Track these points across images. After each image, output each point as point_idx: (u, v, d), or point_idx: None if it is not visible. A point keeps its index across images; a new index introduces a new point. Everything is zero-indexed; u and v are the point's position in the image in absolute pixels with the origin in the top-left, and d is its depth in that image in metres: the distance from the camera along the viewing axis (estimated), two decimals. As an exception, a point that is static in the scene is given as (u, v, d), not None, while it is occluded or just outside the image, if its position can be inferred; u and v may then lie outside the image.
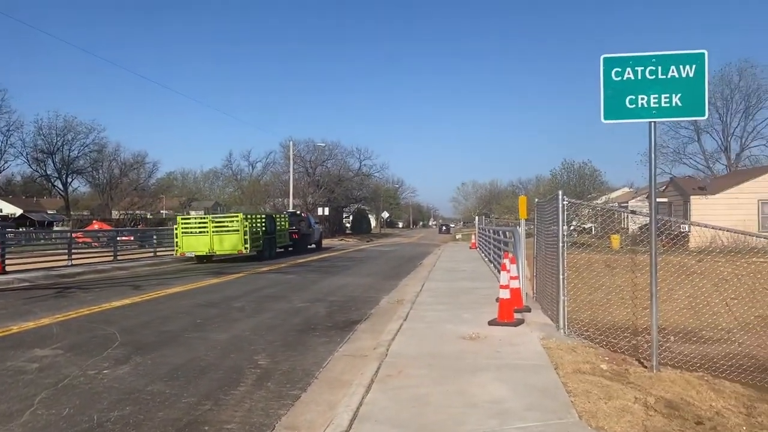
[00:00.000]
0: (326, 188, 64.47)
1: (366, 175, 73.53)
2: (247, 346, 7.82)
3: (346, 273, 19.35)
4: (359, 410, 4.79)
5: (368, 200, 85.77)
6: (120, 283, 15.81)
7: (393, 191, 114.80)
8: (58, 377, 6.21)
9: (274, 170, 70.16)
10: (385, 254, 31.78)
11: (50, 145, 67.94)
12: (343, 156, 69.69)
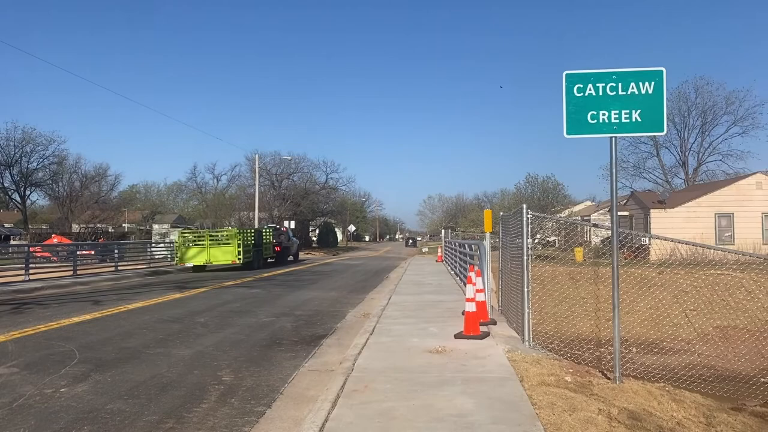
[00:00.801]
0: (292, 201, 64.12)
1: (332, 188, 73.41)
2: (210, 362, 7.68)
3: (312, 287, 19.22)
4: (325, 426, 4.74)
5: (335, 213, 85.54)
6: (80, 299, 15.41)
7: (360, 205, 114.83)
8: (13, 396, 6.00)
9: (239, 183, 69.49)
10: (352, 268, 31.69)
11: (8, 157, 66.05)
12: (310, 169, 69.54)
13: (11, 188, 69.31)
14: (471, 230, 64.44)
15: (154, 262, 30.24)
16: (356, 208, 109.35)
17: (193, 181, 76.08)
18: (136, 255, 31.55)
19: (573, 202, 61.30)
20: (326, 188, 71.94)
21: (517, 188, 56.48)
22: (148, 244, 37.62)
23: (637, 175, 49.71)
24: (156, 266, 28.78)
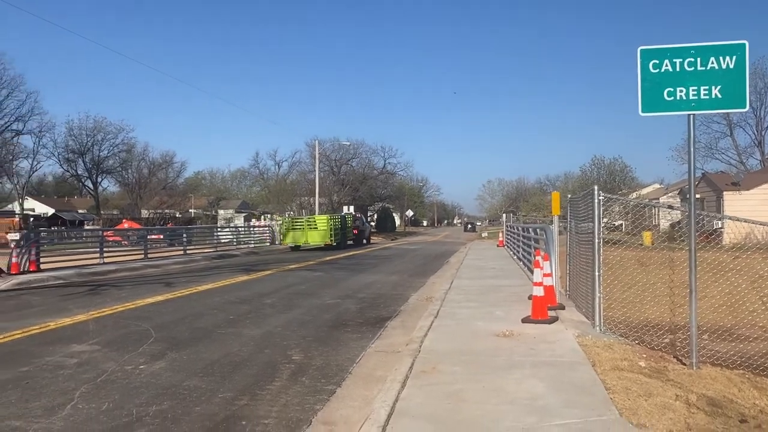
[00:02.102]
0: (351, 187, 64.65)
1: (390, 174, 73.58)
2: (280, 342, 7.87)
3: (373, 271, 19.36)
4: (395, 406, 4.78)
5: (392, 198, 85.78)
6: (152, 281, 16.04)
7: (417, 189, 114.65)
8: (97, 372, 6.31)
9: (299, 169, 70.61)
10: (411, 252, 31.73)
11: (81, 146, 69.30)
12: (368, 154, 69.86)
13: (84, 175, 72.71)
14: (533, 214, 63.43)
15: (220, 246, 31.11)
16: (414, 193, 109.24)
17: (256, 168, 77.78)
18: (202, 239, 32.55)
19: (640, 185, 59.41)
20: (384, 173, 72.17)
21: (582, 171, 55.17)
22: (214, 229, 38.77)
23: (709, 156, 47.69)
24: (222, 250, 29.62)
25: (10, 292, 13.65)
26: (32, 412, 5.02)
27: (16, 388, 5.69)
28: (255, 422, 4.81)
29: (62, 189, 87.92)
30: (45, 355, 7.05)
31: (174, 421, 4.84)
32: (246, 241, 35.46)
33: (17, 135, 62.15)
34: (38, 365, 6.57)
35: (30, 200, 73.65)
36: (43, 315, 9.97)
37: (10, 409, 5.09)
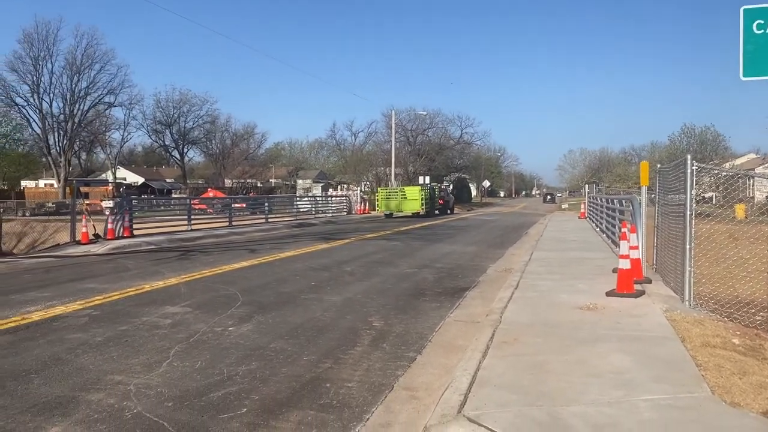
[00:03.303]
0: (427, 157, 64.31)
1: (467, 144, 72.59)
2: (360, 309, 8.01)
3: (449, 241, 19.31)
4: (477, 375, 4.79)
5: (469, 169, 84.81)
6: (236, 247, 16.66)
7: (494, 160, 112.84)
8: (189, 333, 6.65)
9: (375, 140, 70.77)
10: (488, 223, 31.39)
11: (168, 117, 72.36)
12: (444, 124, 69.11)
13: (171, 146, 75.98)
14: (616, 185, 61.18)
15: (300, 215, 31.89)
16: (491, 164, 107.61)
17: (333, 138, 78.60)
18: (282, 208, 33.44)
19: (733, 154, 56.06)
20: (461, 143, 71.28)
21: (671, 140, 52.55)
22: (294, 198, 39.74)
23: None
24: (301, 219, 30.35)
25: (107, 256, 14.53)
26: (132, 368, 5.36)
27: (117, 346, 6.09)
28: (339, 385, 4.95)
29: (151, 159, 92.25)
30: (141, 316, 7.48)
31: (262, 380, 5.04)
32: (324, 211, 36.17)
33: (109, 107, 65.67)
34: (136, 325, 6.99)
35: (121, 170, 77.76)
36: (138, 278, 10.57)
37: (112, 365, 5.45)
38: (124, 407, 4.38)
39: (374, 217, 36.26)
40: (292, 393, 4.75)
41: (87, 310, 7.80)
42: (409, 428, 4.07)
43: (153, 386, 4.85)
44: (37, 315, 7.45)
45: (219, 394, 4.70)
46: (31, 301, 8.33)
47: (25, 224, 35.39)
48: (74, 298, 8.57)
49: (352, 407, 4.44)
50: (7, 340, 6.28)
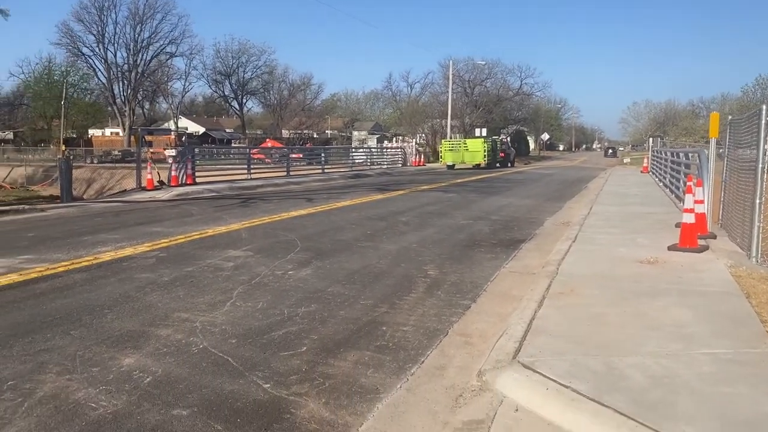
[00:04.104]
0: (484, 109, 63.11)
1: (526, 95, 70.73)
2: (415, 257, 8.09)
3: (505, 194, 19.10)
4: (532, 324, 4.80)
5: (527, 121, 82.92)
6: (294, 196, 16.95)
7: (554, 112, 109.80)
8: (251, 275, 6.88)
9: (432, 91, 69.70)
10: (546, 177, 30.81)
11: (227, 68, 73.18)
12: (503, 74, 67.37)
13: (230, 96, 77.09)
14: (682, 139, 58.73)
15: (355, 166, 32.04)
16: (550, 116, 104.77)
17: (389, 90, 77.88)
18: (338, 159, 33.69)
19: (813, 108, 52.64)
20: (520, 94, 69.50)
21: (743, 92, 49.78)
22: (349, 150, 39.93)
23: None
24: (357, 170, 30.50)
25: (171, 202, 15.05)
26: (197, 306, 5.61)
27: (183, 286, 6.36)
28: (394, 328, 5.05)
29: (211, 109, 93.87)
30: (205, 258, 7.77)
31: (321, 321, 5.20)
32: (378, 162, 36.21)
33: (171, 57, 66.91)
34: (200, 266, 7.27)
35: (183, 119, 79.46)
36: (202, 223, 10.93)
37: (179, 303, 5.71)
38: (190, 342, 4.61)
39: (429, 170, 36.13)
40: (349, 334, 4.89)
41: (154, 252, 8.16)
42: (463, 372, 4.14)
43: (217, 324, 5.08)
44: (108, 255, 7.84)
45: (280, 333, 4.88)
46: (102, 243, 8.75)
47: (93, 171, 36.94)
48: (142, 240, 8.96)
49: (408, 350, 4.55)
50: (81, 277, 6.65)
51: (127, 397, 3.62)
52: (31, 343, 4.53)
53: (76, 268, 7.07)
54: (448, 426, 3.37)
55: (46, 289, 6.10)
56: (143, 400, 3.59)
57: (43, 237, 9.37)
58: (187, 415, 3.43)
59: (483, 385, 3.84)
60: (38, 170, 42.09)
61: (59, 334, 4.75)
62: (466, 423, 3.38)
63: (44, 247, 8.45)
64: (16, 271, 6.82)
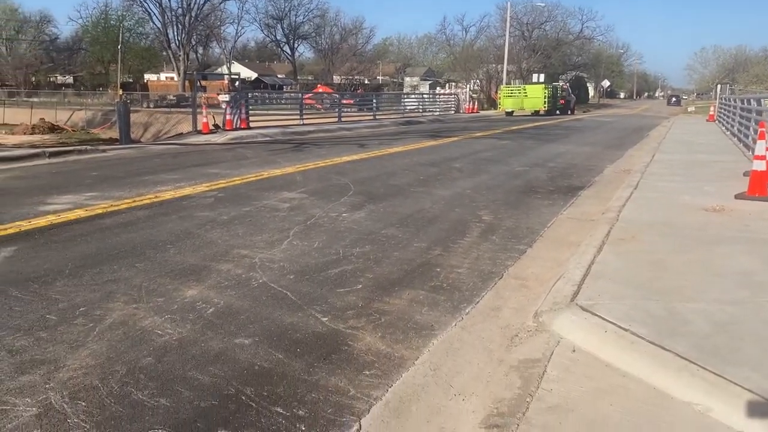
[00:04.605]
0: (542, 53, 61.15)
1: (587, 39, 68.10)
2: (469, 203, 8.01)
3: (563, 141, 18.61)
4: (590, 268, 4.71)
5: (587, 67, 79.99)
6: (346, 142, 16.95)
7: (616, 58, 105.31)
8: (306, 216, 6.96)
9: (488, 34, 67.73)
10: (605, 125, 29.83)
11: (279, 11, 72.85)
12: (563, 17, 64.96)
13: (282, 41, 76.94)
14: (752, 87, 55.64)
15: (407, 113, 31.70)
16: (612, 62, 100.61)
17: (443, 33, 76.10)
18: (389, 106, 33.35)
19: None
20: (580, 38, 66.94)
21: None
22: (401, 96, 39.46)
23: None
24: (408, 117, 30.19)
25: (226, 146, 15.28)
26: (256, 244, 5.72)
27: (241, 224, 6.49)
28: (449, 270, 5.05)
29: (263, 54, 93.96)
30: (262, 199, 7.89)
31: (375, 261, 5.24)
32: (431, 109, 35.70)
33: (223, 1, 66.78)
34: (257, 207, 7.40)
35: (236, 65, 79.88)
36: (257, 166, 11.08)
37: (238, 240, 5.84)
38: (250, 277, 4.72)
39: (483, 117, 35.48)
40: (403, 274, 4.91)
41: (212, 192, 8.33)
42: (518, 313, 4.12)
43: (275, 261, 5.18)
44: (168, 194, 8.05)
45: (336, 271, 4.94)
46: (161, 182, 8.99)
47: (150, 115, 37.72)
48: (200, 181, 9.16)
49: (462, 290, 4.55)
50: (144, 214, 6.87)
51: (191, 326, 3.76)
52: (99, 274, 4.73)
53: (139, 206, 7.29)
54: (503, 363, 3.38)
55: (111, 224, 6.33)
56: (206, 329, 3.72)
57: (106, 176, 9.69)
58: (249, 343, 3.53)
59: (539, 326, 3.82)
60: (97, 114, 43.25)
61: (125, 266, 4.94)
62: (522, 361, 3.37)
63: (107, 185, 8.74)
64: (82, 207, 7.09)
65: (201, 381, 3.09)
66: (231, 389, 3.01)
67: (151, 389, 2.99)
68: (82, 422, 2.69)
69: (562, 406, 2.83)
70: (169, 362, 3.28)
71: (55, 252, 5.30)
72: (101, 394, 2.94)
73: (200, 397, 2.93)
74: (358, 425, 2.74)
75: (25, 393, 2.93)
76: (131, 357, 3.33)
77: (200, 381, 3.08)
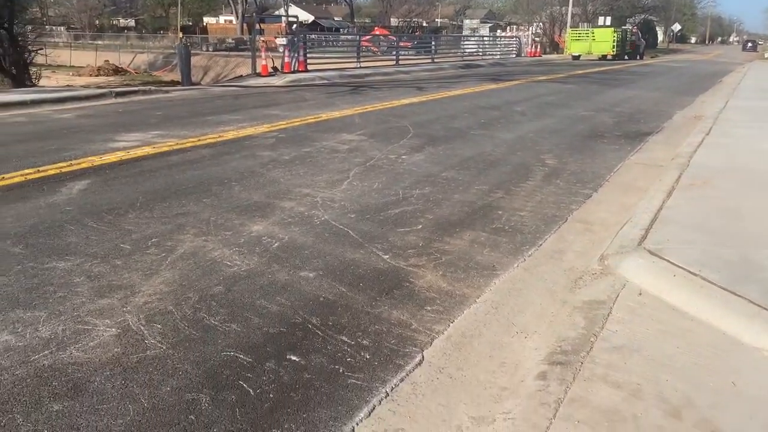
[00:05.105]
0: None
1: (659, -21, 64.10)
2: (532, 146, 7.84)
3: (630, 86, 17.85)
4: (659, 213, 4.56)
5: (657, 10, 75.65)
6: (404, 85, 16.73)
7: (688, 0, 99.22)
8: (365, 158, 6.96)
9: (553, -26, 64.61)
10: (675, 70, 28.40)
11: (338, -48, 71.17)
12: (636, -47, 61.06)
13: (339, -20, 75.33)
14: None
15: (466, 56, 30.92)
16: (683, 4, 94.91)
17: (505, -27, 73.01)
18: (448, 49, 32.56)
19: None
20: (651, -22, 63.10)
21: None
22: (460, 39, 38.47)
23: None
24: (468, 60, 29.46)
25: (285, 88, 15.31)
26: (317, 183, 5.78)
27: (302, 164, 6.55)
28: (511, 213, 4.99)
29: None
30: (321, 140, 7.93)
31: (435, 203, 5.23)
32: (491, 53, 34.67)
33: (282, -58, 65.76)
34: (317, 148, 7.44)
35: (293, 7, 78.95)
36: (315, 108, 11.09)
37: (300, 180, 5.91)
38: (312, 215, 4.79)
39: (546, 61, 34.28)
40: (464, 216, 4.89)
41: (273, 132, 8.42)
42: (583, 256, 4.06)
43: (336, 200, 5.23)
44: (230, 134, 8.18)
45: (396, 211, 4.96)
46: (224, 123, 9.13)
47: (209, 59, 38.05)
48: (261, 122, 9.26)
49: (525, 233, 4.50)
50: (208, 152, 7.01)
51: (258, 259, 3.86)
52: (169, 208, 4.89)
53: (203, 144, 7.45)
54: (567, 304, 3.35)
55: (177, 162, 6.50)
56: (273, 262, 3.81)
57: (170, 116, 9.90)
58: (314, 277, 3.61)
59: (604, 269, 3.75)
60: (158, 57, 43.90)
61: (193, 201, 5.09)
62: (586, 303, 3.34)
63: (172, 124, 8.94)
64: (149, 144, 7.30)
65: (269, 309, 3.19)
66: (298, 318, 3.10)
67: (222, 315, 3.11)
68: (158, 343, 2.83)
69: (628, 347, 2.80)
70: (238, 291, 3.39)
71: (125, 186, 5.50)
72: (175, 318, 3.07)
73: (269, 324, 3.04)
74: (420, 356, 2.79)
75: (104, 315, 3.09)
76: (202, 285, 3.46)
77: (268, 309, 3.19)
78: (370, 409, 2.39)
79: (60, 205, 4.88)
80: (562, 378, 2.55)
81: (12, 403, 2.38)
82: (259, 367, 2.66)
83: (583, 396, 2.42)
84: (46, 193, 5.21)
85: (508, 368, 2.74)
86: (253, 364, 2.68)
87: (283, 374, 2.61)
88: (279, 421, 2.31)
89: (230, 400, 2.43)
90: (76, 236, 4.19)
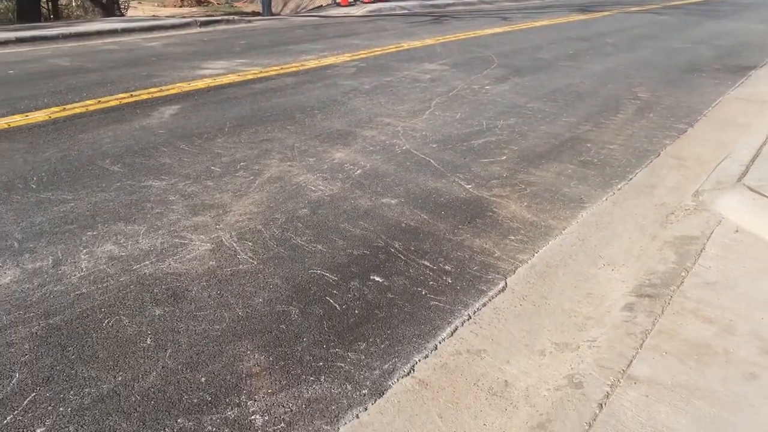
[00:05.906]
0: None
1: None
2: (623, 79, 7.44)
3: (733, 18, 16.47)
4: (762, 149, 4.28)
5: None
6: (488, 15, 16.12)
7: None
8: (447, 88, 6.83)
9: None
10: (786, 0, 25.93)
11: None
12: None
13: None
14: None
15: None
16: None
17: None
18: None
19: None
20: None
21: None
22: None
23: None
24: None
25: (365, 18, 15.10)
26: (398, 113, 5.74)
27: (383, 94, 6.51)
28: (600, 146, 4.81)
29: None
30: (403, 70, 7.82)
31: (520, 134, 5.10)
32: (581, -19, 32.73)
33: None
34: (398, 77, 7.35)
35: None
36: (396, 37, 10.89)
37: (381, 109, 5.89)
38: (394, 144, 4.79)
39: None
40: (551, 148, 4.75)
41: (354, 62, 8.36)
42: (675, 192, 3.88)
43: (418, 130, 5.19)
44: (312, 63, 8.19)
45: (479, 142, 4.87)
46: (305, 52, 9.13)
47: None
48: (342, 51, 9.20)
49: (614, 167, 4.33)
50: (291, 81, 7.07)
51: (341, 185, 3.92)
52: (255, 134, 5.00)
53: (286, 73, 7.51)
54: (657, 239, 3.24)
55: (262, 89, 6.60)
56: (355, 188, 3.86)
57: (253, 44, 9.99)
58: (395, 203, 3.64)
59: (698, 205, 3.58)
60: (241, -12, 44.03)
61: (277, 128, 5.18)
62: (678, 238, 3.21)
63: (255, 53, 9.03)
64: (234, 72, 7.42)
65: (352, 233, 3.25)
66: (380, 242, 3.15)
67: (308, 236, 3.20)
68: (249, 258, 2.95)
69: (721, 283, 2.69)
70: (322, 214, 3.47)
71: (213, 111, 5.65)
72: (264, 236, 3.19)
73: (353, 246, 3.10)
74: (504, 283, 2.79)
75: (199, 231, 3.25)
76: (289, 207, 3.55)
77: (352, 233, 3.25)
78: (452, 330, 2.43)
79: (153, 128, 5.08)
80: (650, 310, 2.49)
81: (118, 306, 2.56)
82: (344, 285, 2.74)
83: (671, 329, 2.36)
84: (139, 116, 5.43)
85: (593, 299, 2.70)
86: (338, 282, 2.76)
87: (367, 293, 2.68)
88: (364, 334, 2.39)
89: (318, 313, 2.52)
90: (170, 158, 4.37)
